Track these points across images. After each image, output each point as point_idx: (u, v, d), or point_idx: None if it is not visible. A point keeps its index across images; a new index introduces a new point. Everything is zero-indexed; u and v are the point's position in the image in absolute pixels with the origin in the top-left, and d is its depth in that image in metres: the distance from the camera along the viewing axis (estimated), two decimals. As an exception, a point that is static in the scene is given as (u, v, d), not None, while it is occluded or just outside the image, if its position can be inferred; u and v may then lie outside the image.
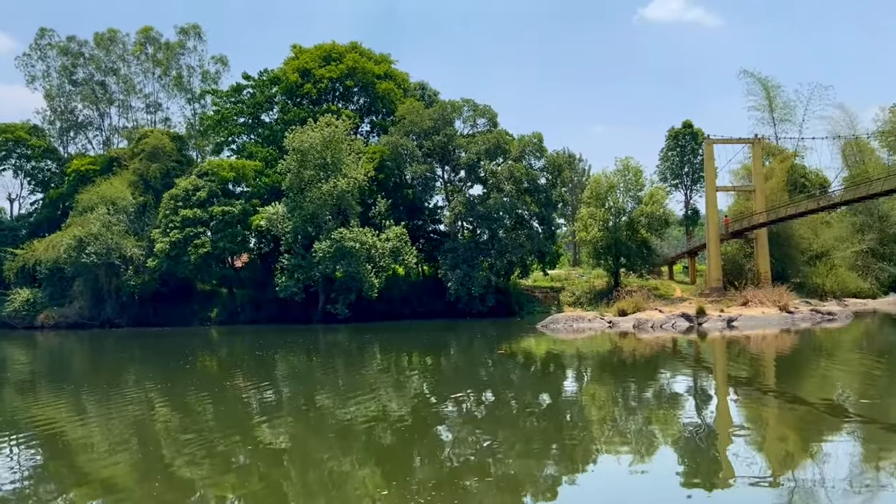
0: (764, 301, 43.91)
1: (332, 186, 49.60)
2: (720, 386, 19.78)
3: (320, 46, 61.58)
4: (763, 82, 71.39)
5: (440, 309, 53.49)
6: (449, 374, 23.74)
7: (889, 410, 14.96)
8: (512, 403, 17.04)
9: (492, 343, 34.91)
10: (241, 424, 14.93)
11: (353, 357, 30.23)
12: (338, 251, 47.94)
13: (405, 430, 14.04)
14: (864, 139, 69.04)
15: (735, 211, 60.74)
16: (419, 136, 55.67)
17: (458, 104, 57.99)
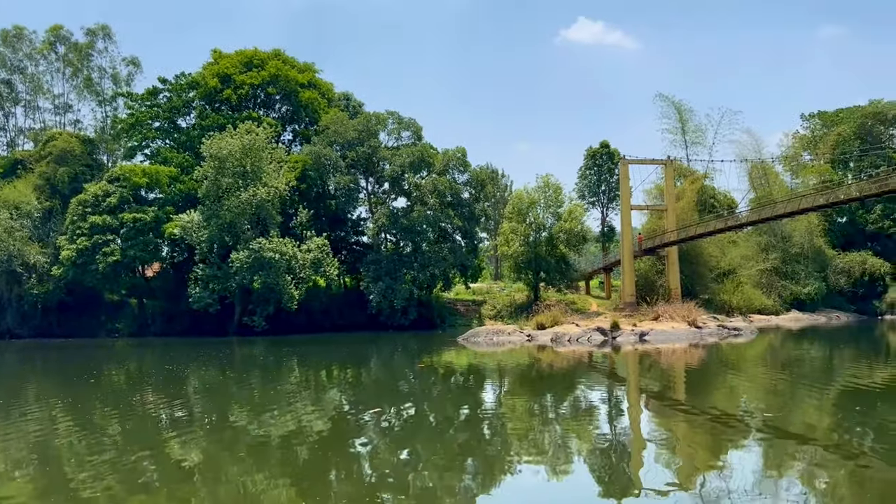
0: (674, 316, 45.68)
1: (251, 195, 48.49)
2: (633, 398, 20.37)
3: (242, 52, 60.30)
4: (676, 106, 74.57)
5: (362, 322, 52.99)
6: (369, 388, 23.51)
7: (790, 422, 15.77)
8: (432, 416, 17.02)
9: (413, 356, 34.82)
10: (150, 441, 14.30)
11: (270, 371, 29.51)
12: (256, 262, 46.82)
13: (322, 445, 13.78)
14: (769, 163, 73.19)
15: (648, 229, 63.00)
16: (343, 146, 55.22)
17: (382, 116, 57.91)
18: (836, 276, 67.26)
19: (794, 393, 20.56)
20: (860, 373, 25.28)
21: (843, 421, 15.71)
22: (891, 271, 68.04)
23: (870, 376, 24.07)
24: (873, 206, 70.39)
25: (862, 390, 20.54)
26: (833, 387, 21.55)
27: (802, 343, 40.63)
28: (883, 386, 21.64)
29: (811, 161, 76.73)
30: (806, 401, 18.98)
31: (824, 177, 69.52)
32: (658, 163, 59.66)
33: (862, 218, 72.41)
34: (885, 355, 33.19)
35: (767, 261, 64.09)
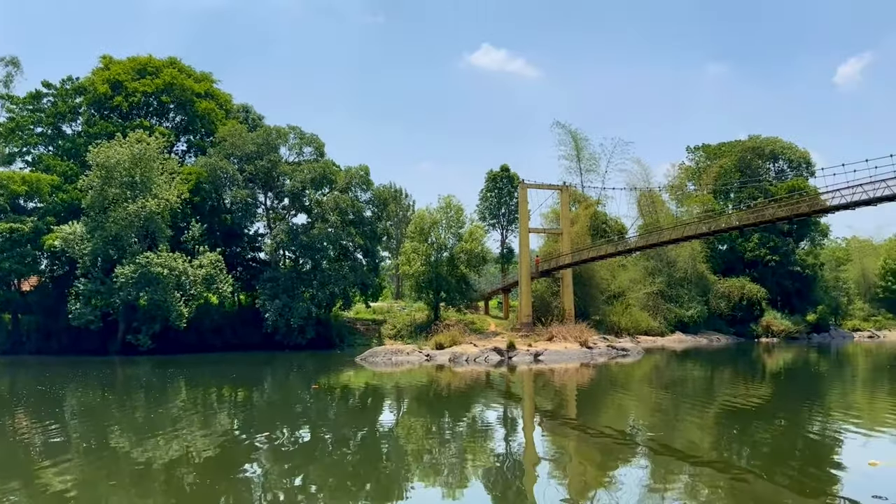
0: (567, 337, 47.05)
1: (139, 207, 46.23)
2: (527, 417, 20.71)
3: (135, 59, 57.75)
4: (572, 134, 77.53)
5: (256, 341, 51.38)
6: (262, 410, 22.73)
7: (674, 440, 16.46)
8: (327, 438, 16.63)
9: (309, 376, 34.04)
10: (22, 469, 13.19)
11: (155, 392, 28.02)
12: (143, 277, 44.56)
13: (210, 471, 13.15)
14: (657, 192, 77.10)
15: (545, 251, 64.84)
16: (241, 159, 53.75)
17: (283, 130, 56.86)
18: (716, 300, 71.41)
19: (678, 411, 21.53)
20: (737, 392, 26.84)
21: (722, 438, 16.57)
22: (766, 296, 72.97)
23: (746, 396, 25.58)
24: (751, 235, 75.43)
25: (739, 409, 21.77)
26: (713, 405, 22.72)
27: (685, 363, 42.73)
28: (758, 405, 23.04)
29: (695, 191, 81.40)
30: (688, 419, 19.90)
31: (707, 206, 73.84)
32: (555, 188, 61.64)
33: (741, 246, 77.38)
34: (761, 376, 35.41)
35: (654, 284, 67.26)
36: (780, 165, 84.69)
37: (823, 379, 33.75)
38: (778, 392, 27.60)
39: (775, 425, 18.30)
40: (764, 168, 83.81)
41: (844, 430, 17.06)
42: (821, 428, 17.85)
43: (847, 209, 36.00)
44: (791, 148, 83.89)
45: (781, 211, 45.30)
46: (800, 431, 17.34)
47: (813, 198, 43.92)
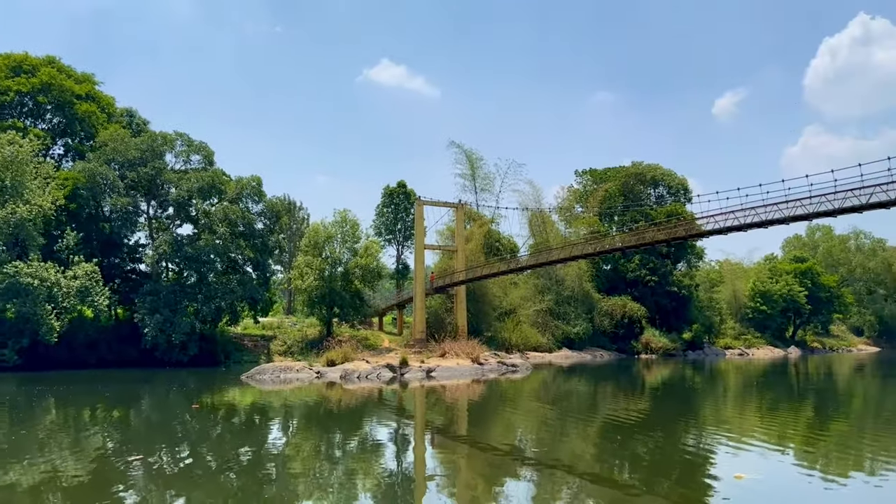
0: (459, 353, 47.56)
1: (8, 213, 42.87)
2: (419, 434, 20.69)
3: (8, 56, 53.77)
4: (468, 154, 78.98)
5: (134, 357, 48.58)
6: (139, 430, 21.49)
7: (559, 453, 16.92)
8: (209, 460, 15.90)
9: (191, 395, 32.51)
10: None
11: (21, 411, 25.89)
12: (10, 288, 41.25)
13: (81, 496, 12.26)
14: (547, 213, 79.71)
15: (440, 268, 65.44)
16: (123, 165, 51.00)
17: (170, 137, 54.48)
18: (601, 317, 74.39)
19: (564, 425, 22.16)
20: (619, 407, 27.97)
21: (605, 451, 17.19)
22: (646, 315, 76.71)
23: (627, 410, 26.70)
24: (633, 256, 79.19)
25: (620, 423, 22.68)
26: (596, 420, 23.57)
27: (571, 379, 44.13)
28: (638, 419, 24.09)
29: (582, 213, 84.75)
30: (573, 433, 20.53)
31: (593, 228, 76.98)
32: (450, 206, 62.45)
33: (623, 266, 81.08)
34: (640, 391, 37.07)
35: (543, 302, 69.30)
36: (661, 191, 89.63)
37: (698, 394, 35.76)
38: (656, 406, 28.98)
39: (654, 439, 19.18)
40: (645, 193, 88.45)
41: (716, 444, 18.12)
42: (695, 441, 18.86)
43: (720, 234, 38.50)
44: (671, 175, 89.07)
45: (660, 234, 47.85)
46: (676, 445, 18.25)
47: (689, 222, 46.67)
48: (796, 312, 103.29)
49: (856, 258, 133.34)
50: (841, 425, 22.70)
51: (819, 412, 26.87)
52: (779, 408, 28.48)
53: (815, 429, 21.64)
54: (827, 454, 16.84)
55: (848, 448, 17.87)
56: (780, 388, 38.99)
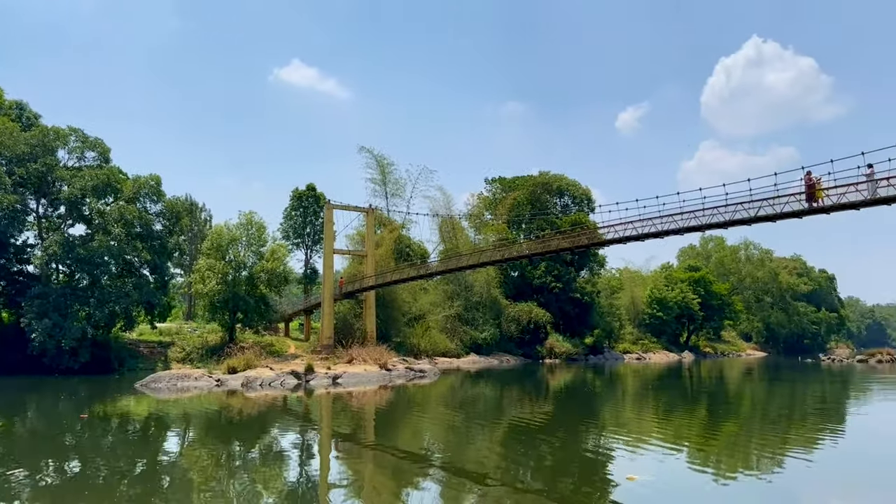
0: (367, 359, 47.16)
1: None
2: (324, 442, 20.31)
3: None
4: (378, 159, 78.66)
5: (19, 363, 45.39)
6: (23, 441, 20.05)
7: (465, 458, 17.00)
8: (100, 472, 15.01)
9: (82, 404, 30.67)
10: None
11: None
12: None
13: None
14: (457, 219, 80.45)
15: (349, 273, 64.75)
16: (10, 161, 47.65)
17: (63, 132, 51.34)
18: (508, 323, 75.67)
19: (470, 430, 22.33)
20: (524, 411, 28.47)
21: (510, 456, 17.40)
22: (551, 320, 78.62)
23: (531, 414, 27.21)
24: (539, 263, 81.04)
25: (525, 427, 23.06)
26: (502, 424, 23.88)
27: (478, 384, 44.60)
28: (541, 422, 24.58)
29: (491, 220, 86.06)
30: (479, 437, 20.70)
31: (501, 235, 78.29)
32: (361, 210, 61.94)
33: (530, 273, 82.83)
34: (545, 395, 37.89)
35: (452, 307, 69.82)
36: (566, 200, 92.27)
37: (598, 397, 36.89)
38: (559, 409, 29.68)
39: (556, 441, 19.60)
40: (552, 202, 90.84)
41: (615, 445, 18.71)
42: (595, 443, 19.41)
43: (620, 243, 39.91)
44: (575, 185, 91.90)
45: (565, 242, 49.15)
46: (577, 447, 18.72)
47: (592, 231, 48.17)
48: (690, 319, 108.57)
49: (745, 268, 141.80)
50: (731, 426, 23.95)
51: (711, 413, 28.26)
52: (674, 410, 29.77)
53: (707, 429, 22.73)
54: (718, 454, 17.69)
55: (737, 447, 18.85)
56: (675, 391, 40.79)
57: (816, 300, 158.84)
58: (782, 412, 28.44)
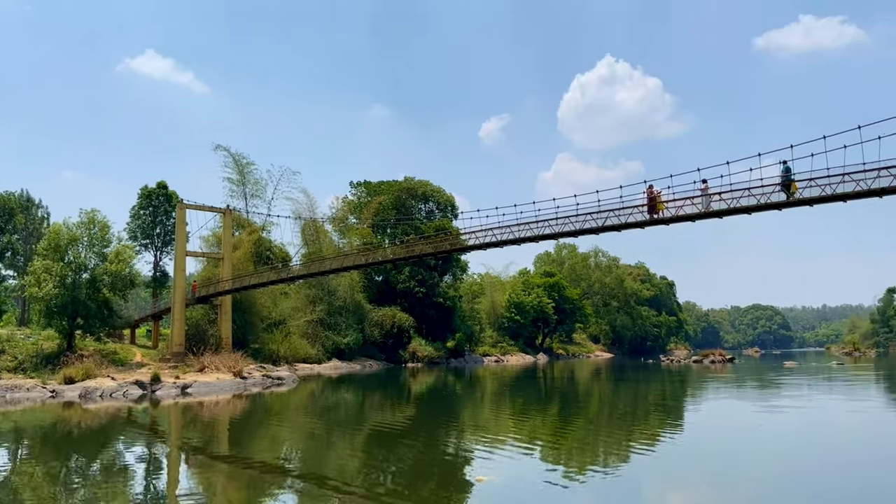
0: (220, 367, 45.28)
1: None
2: (173, 455, 19.22)
3: None
4: (236, 158, 75.85)
5: None
6: None
7: (325, 466, 16.69)
8: None
9: None
10: None
11: None
12: None
13: None
14: (321, 222, 79.18)
15: (203, 276, 61.81)
16: None
17: None
18: (371, 328, 75.44)
19: (330, 437, 21.97)
20: (385, 415, 28.44)
21: (371, 461, 17.29)
22: (414, 325, 79.26)
23: (393, 418, 27.23)
24: (403, 268, 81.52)
25: (386, 431, 23.03)
26: (363, 429, 23.70)
27: (340, 390, 44.07)
28: (403, 426, 24.65)
29: (356, 224, 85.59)
30: (340, 444, 20.42)
31: (366, 239, 78.05)
32: (217, 211, 59.39)
33: (394, 278, 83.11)
34: (406, 399, 38.07)
35: (314, 312, 68.61)
36: (431, 206, 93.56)
37: (458, 399, 37.59)
38: (420, 413, 29.92)
39: (417, 445, 19.73)
40: (416, 207, 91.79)
41: (472, 447, 19.11)
42: (454, 446, 19.73)
43: (481, 249, 41.01)
44: (440, 192, 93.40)
45: (429, 247, 49.80)
46: (437, 450, 18.93)
47: (455, 237, 49.12)
48: (545, 322, 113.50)
49: (595, 274, 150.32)
50: (580, 424, 25.18)
51: (563, 412, 29.60)
52: (529, 410, 30.91)
53: (559, 428, 23.77)
54: (568, 451, 18.53)
55: (586, 444, 19.84)
56: (531, 392, 42.39)
57: (658, 305, 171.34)
58: (627, 410, 30.30)
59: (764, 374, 57.13)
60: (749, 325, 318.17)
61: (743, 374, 58.94)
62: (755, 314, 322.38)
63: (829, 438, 20.40)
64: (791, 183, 29.29)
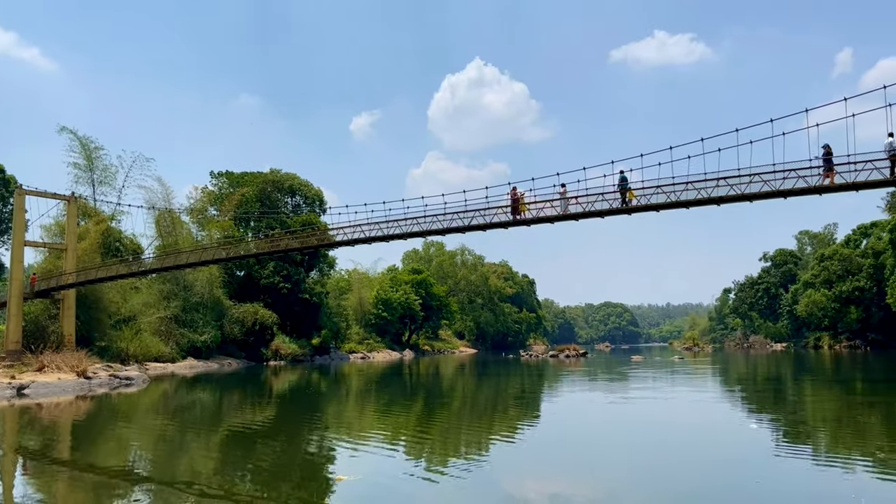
0: (62, 366, 41.99)
1: None
2: (7, 460, 17.56)
3: None
4: (82, 141, 70.35)
5: None
6: None
7: (177, 468, 15.89)
8: None
9: None
10: None
11: None
12: None
13: None
14: (178, 213, 75.21)
15: (44, 269, 56.95)
16: None
17: None
18: (231, 324, 72.61)
19: (184, 439, 20.95)
20: (245, 415, 27.52)
21: (228, 462, 16.66)
22: (277, 322, 77.17)
23: (253, 418, 26.40)
24: (267, 263, 79.20)
25: (246, 432, 22.29)
26: (220, 430, 22.79)
27: (195, 390, 42.15)
28: (263, 426, 23.97)
29: (217, 216, 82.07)
30: (194, 446, 19.52)
31: (227, 232, 75.09)
32: (61, 198, 54.97)
33: (257, 273, 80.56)
34: (268, 398, 37.05)
35: (169, 308, 65.03)
36: (297, 200, 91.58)
37: (322, 398, 37.08)
38: (282, 412, 29.23)
39: (277, 445, 19.25)
40: (283, 201, 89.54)
41: (335, 446, 18.93)
42: (317, 445, 19.43)
43: (349, 245, 40.69)
44: (307, 185, 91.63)
45: (294, 242, 48.77)
46: (298, 450, 18.56)
47: (322, 233, 48.45)
48: (412, 319, 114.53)
49: (461, 272, 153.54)
50: (443, 418, 25.62)
51: (427, 408, 29.98)
52: (393, 406, 31.05)
53: (423, 423, 24.05)
54: (431, 446, 18.78)
55: (448, 439, 20.20)
56: (396, 388, 42.61)
57: (519, 302, 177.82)
58: (489, 403, 31.20)
59: (614, 368, 60.84)
60: (601, 321, 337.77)
61: (595, 367, 62.45)
62: (607, 311, 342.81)
63: (672, 425, 22.05)
64: (628, 191, 31.61)
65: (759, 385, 40.65)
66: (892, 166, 28.11)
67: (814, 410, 26.77)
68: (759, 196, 29.69)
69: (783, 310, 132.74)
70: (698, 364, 66.94)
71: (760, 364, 67.09)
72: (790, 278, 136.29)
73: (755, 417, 24.77)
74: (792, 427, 21.47)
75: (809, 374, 50.23)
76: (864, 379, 43.97)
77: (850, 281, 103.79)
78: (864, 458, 15.48)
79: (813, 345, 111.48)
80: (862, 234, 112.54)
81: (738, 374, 53.47)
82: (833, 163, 28.69)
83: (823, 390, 36.36)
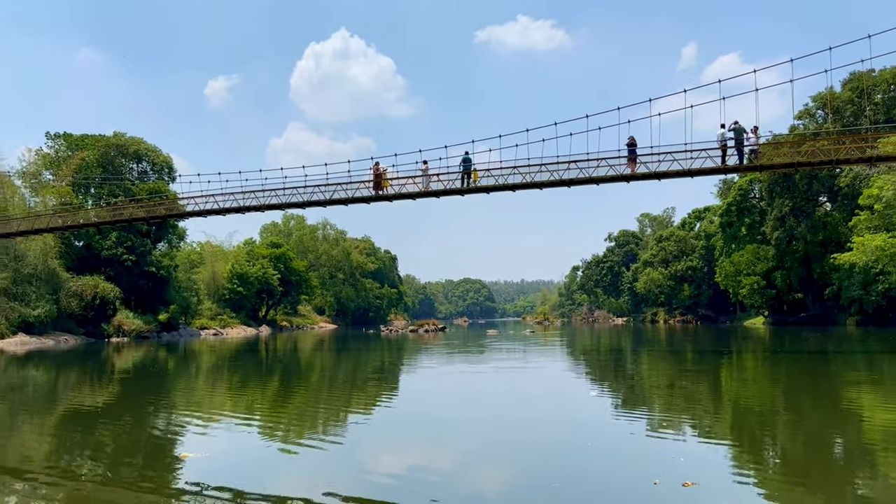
0: None
1: None
2: None
3: None
4: None
5: None
6: None
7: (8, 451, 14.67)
8: None
9: None
10: None
11: None
12: None
13: None
14: (8, 177, 68.55)
15: None
16: None
17: None
18: (68, 299, 67.47)
19: (14, 421, 19.32)
20: (83, 394, 25.78)
21: (65, 445, 15.60)
22: (121, 296, 72.58)
23: (93, 397, 24.78)
24: (109, 233, 74.09)
25: (85, 412, 20.91)
26: (56, 411, 21.25)
27: (27, 367, 38.92)
28: (105, 406, 22.58)
29: (53, 181, 75.64)
30: (25, 428, 18.08)
31: (65, 199, 69.43)
32: None
33: (98, 243, 75.19)
34: (109, 376, 34.89)
35: None
36: (144, 167, 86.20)
37: (170, 376, 35.44)
38: (125, 391, 27.66)
39: (121, 425, 18.23)
40: (127, 167, 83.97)
41: (184, 425, 18.23)
42: (164, 425, 18.60)
43: (201, 216, 38.96)
44: (155, 151, 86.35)
45: (140, 212, 46.04)
46: (144, 430, 17.66)
47: (172, 202, 46.06)
48: (269, 294, 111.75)
49: (322, 246, 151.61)
50: (300, 395, 25.34)
51: (283, 384, 29.50)
52: (248, 383, 30.27)
53: (279, 400, 23.67)
54: (286, 423, 18.55)
55: (304, 415, 20.03)
56: (251, 365, 41.52)
57: (381, 277, 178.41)
58: (346, 379, 31.20)
59: (470, 342, 62.80)
60: (460, 296, 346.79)
61: (452, 341, 64.15)
62: (465, 287, 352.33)
63: (521, 395, 23.16)
64: (473, 172, 33.09)
65: (602, 356, 43.58)
66: (724, 155, 31.14)
67: (649, 378, 29.14)
68: (576, 182, 32.24)
69: (624, 287, 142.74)
70: (548, 337, 70.54)
71: (603, 337, 71.82)
72: (632, 257, 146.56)
73: (597, 386, 26.59)
74: (629, 394, 23.26)
75: (646, 346, 54.50)
76: (693, 350, 48.31)
77: (684, 261, 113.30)
78: (691, 421, 17.11)
79: (650, 319, 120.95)
80: (696, 217, 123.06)
81: (583, 346, 56.94)
82: (637, 153, 32.05)
83: (658, 360, 39.61)
